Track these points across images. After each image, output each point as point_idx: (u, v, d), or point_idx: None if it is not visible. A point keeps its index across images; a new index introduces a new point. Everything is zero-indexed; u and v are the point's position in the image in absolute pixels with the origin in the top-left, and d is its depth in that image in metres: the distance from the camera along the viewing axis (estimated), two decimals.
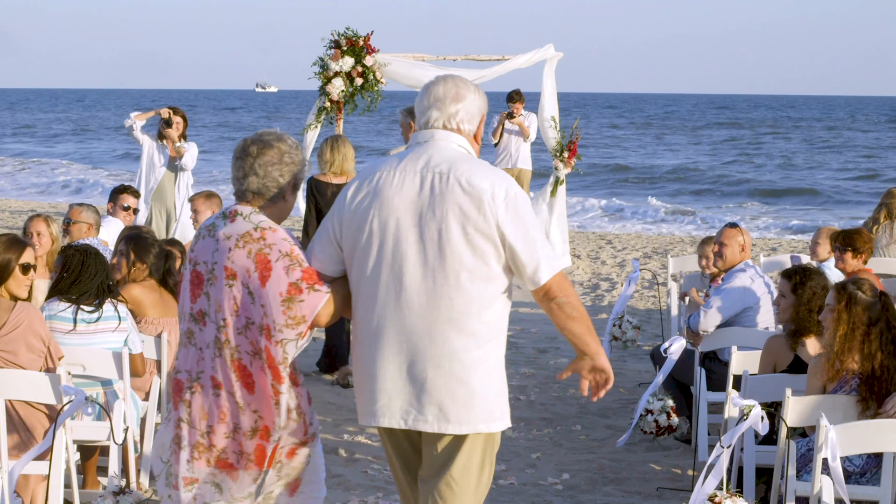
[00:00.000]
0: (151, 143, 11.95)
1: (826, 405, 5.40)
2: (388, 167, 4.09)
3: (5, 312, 5.46)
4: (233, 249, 4.11)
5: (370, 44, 13.17)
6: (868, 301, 5.58)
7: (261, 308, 4.06)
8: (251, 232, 4.12)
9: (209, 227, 4.22)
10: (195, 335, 4.19)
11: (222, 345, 4.11)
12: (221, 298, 4.10)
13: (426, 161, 4.06)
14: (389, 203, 4.03)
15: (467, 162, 4.06)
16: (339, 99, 13.12)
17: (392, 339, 4.05)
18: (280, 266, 4.06)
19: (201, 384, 4.15)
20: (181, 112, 12.10)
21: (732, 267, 7.66)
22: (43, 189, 31.91)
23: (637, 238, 20.43)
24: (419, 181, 4.03)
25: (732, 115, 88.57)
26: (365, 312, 4.11)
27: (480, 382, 4.04)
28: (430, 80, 4.22)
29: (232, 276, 4.09)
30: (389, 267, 4.03)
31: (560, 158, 14.44)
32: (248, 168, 4.20)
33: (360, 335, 4.15)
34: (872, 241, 8.12)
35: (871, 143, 52.40)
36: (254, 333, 4.08)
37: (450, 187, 3.99)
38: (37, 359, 5.50)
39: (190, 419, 4.16)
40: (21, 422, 5.49)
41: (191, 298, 4.19)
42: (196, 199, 9.40)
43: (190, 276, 4.21)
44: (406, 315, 4.02)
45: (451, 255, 3.97)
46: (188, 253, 4.30)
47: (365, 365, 4.12)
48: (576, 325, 4.07)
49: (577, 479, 7.06)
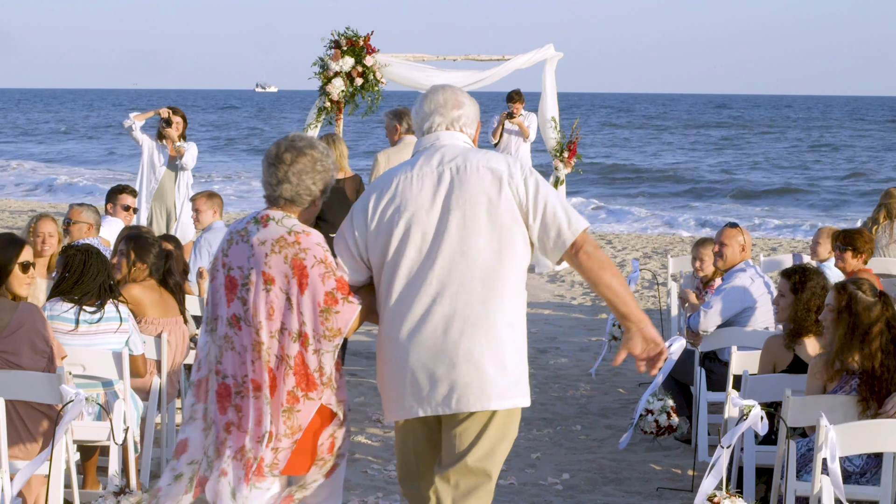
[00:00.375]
0: (151, 143, 11.94)
1: (826, 405, 5.40)
2: (403, 173, 4.26)
3: (8, 312, 5.45)
4: (269, 255, 4.18)
5: (370, 44, 13.17)
6: (868, 301, 5.58)
7: (299, 316, 4.16)
8: (286, 236, 4.20)
9: (241, 231, 4.28)
10: (232, 339, 4.25)
11: (259, 348, 4.19)
12: (258, 302, 4.18)
13: (440, 159, 4.26)
14: (413, 204, 4.20)
15: (478, 152, 4.29)
16: (339, 99, 13.13)
17: (420, 333, 4.18)
18: (316, 273, 4.15)
19: (247, 387, 4.22)
20: (181, 112, 12.09)
21: (732, 267, 7.66)
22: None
23: (637, 238, 20.43)
24: (437, 178, 4.22)
25: (726, 114, 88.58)
26: (394, 309, 4.23)
27: (512, 360, 4.22)
28: (427, 91, 4.45)
29: (270, 282, 4.18)
30: (422, 263, 4.18)
31: (560, 158, 14.44)
32: (281, 175, 4.27)
33: (385, 332, 4.26)
34: (873, 241, 8.12)
35: (855, 143, 52.13)
36: (285, 339, 4.17)
37: (469, 176, 4.18)
38: (40, 359, 5.49)
39: (239, 423, 4.23)
40: (22, 422, 5.49)
41: (227, 303, 4.26)
42: (198, 199, 9.40)
43: (224, 280, 4.28)
44: (443, 306, 4.16)
45: (482, 240, 4.17)
46: (220, 258, 4.35)
47: (399, 360, 4.22)
48: (611, 277, 4.20)
49: (577, 479, 7.06)
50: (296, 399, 4.18)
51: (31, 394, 5.35)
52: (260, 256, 4.20)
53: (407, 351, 4.20)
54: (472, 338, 4.16)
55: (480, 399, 4.18)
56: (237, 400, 4.24)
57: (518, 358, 4.24)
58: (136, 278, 6.86)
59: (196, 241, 9.40)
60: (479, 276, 4.17)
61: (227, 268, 4.27)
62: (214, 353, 4.33)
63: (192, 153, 11.88)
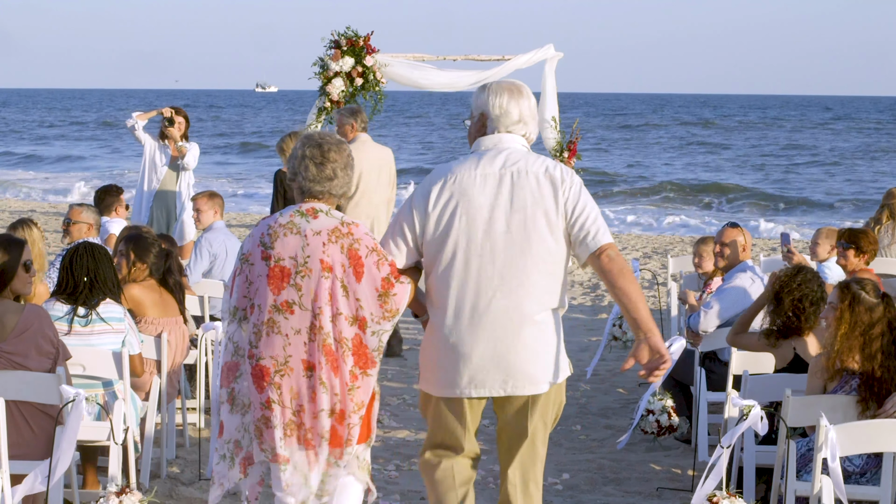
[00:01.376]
0: (153, 142, 11.92)
1: (826, 405, 5.40)
2: (467, 171, 4.61)
3: (15, 314, 5.45)
4: (326, 244, 4.52)
5: (370, 44, 13.17)
6: (871, 302, 5.58)
7: (355, 301, 4.52)
8: (339, 227, 4.56)
9: (286, 224, 4.56)
10: (279, 324, 4.52)
11: (316, 331, 4.49)
12: (317, 289, 4.49)
13: (502, 161, 4.61)
14: (475, 203, 4.56)
15: (537, 158, 4.68)
16: (340, 99, 13.12)
17: (484, 320, 4.55)
18: (370, 262, 4.53)
19: (290, 367, 4.50)
20: (183, 112, 12.07)
21: (733, 267, 7.66)
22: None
23: (637, 238, 20.44)
24: (498, 179, 4.58)
25: (701, 114, 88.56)
26: (454, 298, 4.59)
27: (556, 342, 4.65)
28: (491, 88, 4.75)
29: (328, 269, 4.51)
30: (479, 255, 4.54)
31: (560, 158, 14.44)
32: (329, 172, 4.61)
33: (447, 319, 4.60)
34: (877, 243, 8.12)
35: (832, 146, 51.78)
36: (341, 323, 4.51)
37: (529, 181, 4.58)
38: (46, 360, 5.49)
39: (281, 400, 4.51)
40: (24, 421, 5.49)
41: (273, 291, 4.52)
42: (199, 199, 9.41)
43: (270, 271, 4.53)
44: (497, 296, 4.54)
45: (537, 238, 4.54)
46: (257, 251, 4.58)
47: (451, 346, 4.59)
48: (628, 283, 4.52)
49: (577, 479, 7.06)
50: (355, 377, 4.53)
51: (32, 394, 5.36)
52: (316, 246, 4.52)
53: (467, 339, 4.56)
54: (528, 330, 4.56)
55: (529, 385, 4.60)
56: (276, 378, 4.51)
57: (561, 345, 4.69)
58: (136, 278, 6.87)
59: (196, 241, 9.39)
60: (536, 273, 4.55)
61: (275, 259, 4.53)
62: (246, 338, 4.59)
63: (193, 153, 11.87)
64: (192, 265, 8.94)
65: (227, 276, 8.96)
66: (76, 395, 5.10)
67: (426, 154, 45.95)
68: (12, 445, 5.41)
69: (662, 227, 24.24)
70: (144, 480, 6.44)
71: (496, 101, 4.69)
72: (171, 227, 11.86)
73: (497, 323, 4.55)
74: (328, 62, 13.18)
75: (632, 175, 36.12)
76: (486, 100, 4.71)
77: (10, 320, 5.42)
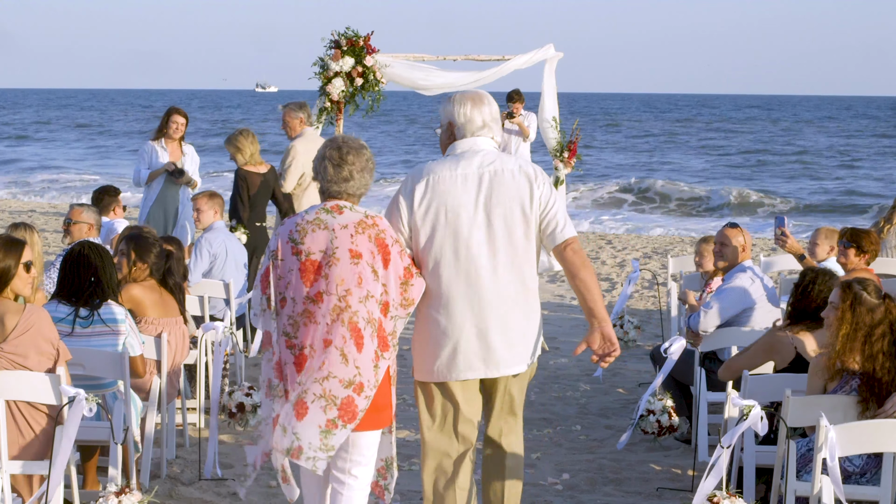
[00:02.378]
0: (153, 147, 11.82)
1: (826, 405, 5.40)
2: (447, 170, 5.04)
3: (15, 315, 5.45)
4: (354, 235, 4.87)
5: (370, 44, 13.17)
6: (872, 303, 5.57)
7: (382, 286, 4.90)
8: (364, 220, 4.92)
9: (315, 220, 4.90)
10: (314, 314, 4.84)
11: (342, 311, 4.81)
12: (345, 274, 4.82)
13: (479, 162, 5.05)
14: (457, 201, 4.98)
15: (509, 157, 5.13)
16: (340, 99, 13.12)
17: (468, 309, 4.99)
18: (395, 251, 4.93)
19: (314, 349, 4.82)
20: (183, 112, 12.00)
21: (733, 267, 7.66)
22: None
23: (637, 238, 20.44)
24: (478, 179, 5.01)
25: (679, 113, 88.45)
26: (445, 289, 5.01)
27: (534, 326, 5.14)
28: (456, 97, 5.16)
29: (357, 257, 4.85)
30: (465, 250, 4.97)
31: (560, 158, 14.44)
32: (346, 174, 4.96)
33: (432, 310, 5.04)
34: (879, 244, 8.11)
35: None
36: (372, 305, 4.86)
37: (505, 179, 5.02)
38: (46, 361, 5.49)
39: (303, 379, 4.81)
40: (25, 421, 5.49)
41: (306, 284, 4.85)
42: (199, 199, 9.41)
43: (301, 265, 4.86)
44: (481, 286, 4.99)
45: (516, 229, 5.01)
46: (287, 247, 4.89)
47: (449, 333, 5.02)
48: (588, 274, 5.03)
49: (577, 479, 7.06)
50: (377, 357, 4.87)
51: (32, 394, 5.36)
52: (345, 237, 4.86)
53: (458, 326, 5.00)
54: (512, 314, 5.04)
55: (520, 363, 5.11)
56: (309, 363, 4.82)
57: (539, 328, 5.17)
58: (136, 278, 6.87)
59: (196, 241, 9.39)
60: (517, 262, 5.02)
61: (306, 254, 4.86)
62: (280, 330, 4.90)
63: (194, 166, 11.68)
64: (191, 265, 8.95)
65: (227, 276, 8.97)
66: (76, 395, 5.10)
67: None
68: (12, 445, 5.42)
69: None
70: (144, 480, 6.44)
71: (461, 110, 5.13)
72: (168, 228, 11.82)
73: (485, 310, 4.99)
74: (328, 62, 13.17)
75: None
76: (451, 109, 5.15)
77: (10, 321, 5.43)
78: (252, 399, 7.15)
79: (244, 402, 7.13)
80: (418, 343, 5.14)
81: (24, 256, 5.52)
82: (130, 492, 4.93)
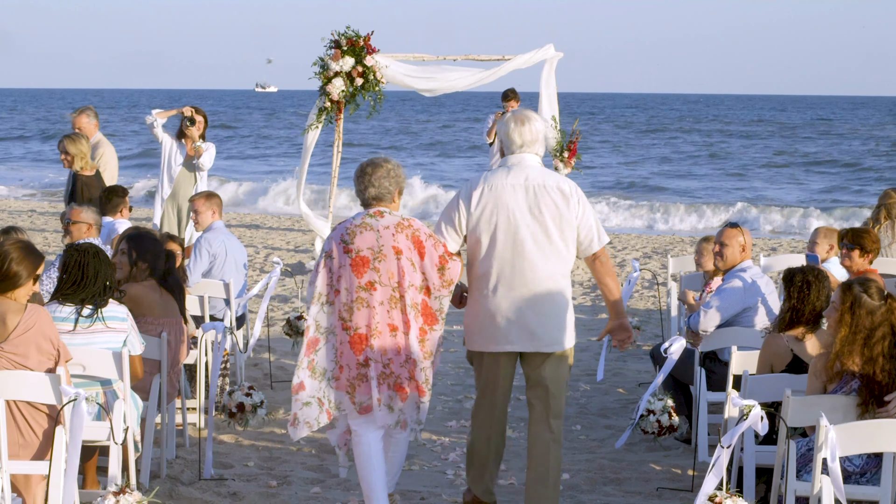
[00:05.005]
0: (172, 142, 11.86)
1: (826, 405, 5.39)
2: (500, 179, 6.03)
3: (16, 314, 5.47)
4: (395, 234, 5.90)
5: (370, 44, 13.16)
6: (873, 305, 5.54)
7: (421, 274, 5.91)
8: (401, 222, 5.95)
9: (360, 224, 5.92)
10: (366, 300, 5.85)
11: (396, 300, 5.86)
12: (392, 269, 5.85)
13: (526, 175, 6.03)
14: (508, 207, 5.98)
15: (552, 174, 6.11)
16: (340, 99, 13.12)
17: (514, 294, 5.97)
18: (429, 244, 5.94)
19: (379, 331, 5.83)
20: (202, 112, 12.01)
21: (733, 267, 7.65)
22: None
23: (637, 238, 20.43)
24: (524, 190, 6.00)
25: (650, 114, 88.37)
26: (495, 275, 5.99)
27: (569, 315, 6.12)
28: (512, 116, 6.14)
29: (399, 253, 5.87)
30: (511, 245, 5.97)
31: (560, 158, 14.45)
32: (367, 180, 5.99)
33: (485, 292, 6.02)
34: (879, 242, 8.10)
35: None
36: (413, 292, 5.89)
37: (548, 192, 6.00)
38: (46, 361, 5.50)
39: (375, 357, 5.84)
40: (25, 421, 5.49)
41: (357, 276, 5.85)
42: (196, 200, 9.40)
43: (352, 261, 5.86)
44: (526, 277, 5.97)
45: (555, 235, 6.00)
46: (339, 247, 5.89)
47: (497, 313, 6.00)
48: (612, 281, 6.19)
49: (577, 479, 7.06)
50: (425, 332, 5.94)
51: (32, 394, 5.36)
52: (388, 237, 5.89)
53: (505, 307, 5.98)
54: (548, 302, 6.00)
55: (553, 344, 6.05)
56: (373, 342, 5.83)
57: (570, 317, 6.12)
58: (136, 278, 6.86)
59: (196, 241, 9.38)
60: (555, 260, 6.00)
61: (356, 251, 5.87)
62: (336, 316, 5.89)
63: (210, 154, 11.78)
64: (191, 265, 8.93)
65: (226, 276, 8.96)
66: (76, 395, 5.10)
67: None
68: (12, 445, 5.42)
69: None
70: (144, 480, 6.44)
71: (506, 130, 6.14)
72: (181, 226, 11.82)
73: (525, 296, 5.96)
74: (328, 62, 13.17)
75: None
76: (503, 128, 6.17)
77: (11, 320, 5.44)
78: (252, 399, 7.14)
79: (244, 402, 7.12)
80: (469, 317, 6.12)
81: (39, 269, 5.58)
82: (130, 492, 4.92)
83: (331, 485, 6.85)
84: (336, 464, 7.20)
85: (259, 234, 19.35)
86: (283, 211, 25.39)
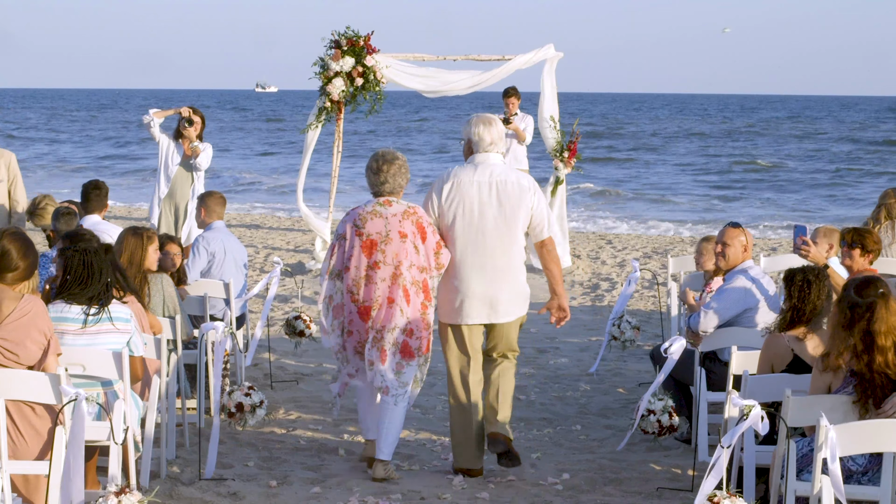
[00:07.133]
0: (169, 142, 11.87)
1: (826, 405, 5.39)
2: (466, 175, 6.94)
3: (12, 301, 5.48)
4: (402, 221, 6.86)
5: (370, 44, 13.16)
6: (853, 300, 5.49)
7: (424, 257, 6.87)
8: (407, 210, 6.90)
9: (372, 211, 6.88)
10: (373, 276, 6.82)
11: (397, 278, 6.81)
12: (397, 250, 6.81)
13: (489, 172, 6.95)
14: (473, 198, 6.90)
15: (512, 171, 7.07)
16: (340, 99, 13.12)
17: (478, 270, 6.90)
18: (430, 231, 6.90)
19: (379, 304, 6.81)
20: (200, 113, 12.02)
21: (734, 267, 7.65)
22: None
23: (637, 238, 20.42)
24: (488, 185, 6.92)
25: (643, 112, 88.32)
26: (465, 260, 6.92)
27: (521, 288, 7.05)
28: (473, 120, 7.04)
29: (404, 237, 6.83)
30: (475, 231, 6.89)
31: (560, 158, 14.45)
32: (382, 178, 6.91)
33: (451, 272, 6.96)
34: (881, 242, 8.09)
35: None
36: (415, 271, 6.86)
37: (508, 187, 6.92)
38: (37, 350, 5.50)
39: (373, 325, 6.82)
40: (24, 421, 5.48)
41: (366, 256, 6.83)
42: (209, 198, 9.39)
43: (362, 243, 6.83)
44: (487, 255, 6.90)
45: (513, 224, 6.90)
46: (352, 231, 6.84)
47: (462, 290, 6.93)
48: (556, 267, 7.13)
49: (577, 479, 7.06)
50: (425, 307, 6.91)
51: (31, 394, 5.35)
52: (395, 223, 6.84)
53: (469, 285, 6.92)
54: (503, 278, 6.93)
55: (508, 314, 7.00)
56: (373, 313, 6.81)
57: (524, 291, 7.06)
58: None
59: (195, 240, 9.37)
60: (511, 245, 6.92)
61: (366, 235, 6.83)
62: (345, 289, 6.87)
63: (207, 154, 11.79)
64: (190, 264, 8.93)
65: (226, 276, 8.95)
66: (76, 395, 5.09)
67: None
68: (12, 445, 5.41)
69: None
70: (144, 480, 6.43)
71: (475, 131, 7.01)
72: (178, 226, 11.81)
73: (488, 275, 6.90)
74: (328, 62, 13.17)
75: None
76: (470, 129, 7.04)
77: (6, 306, 5.44)
78: (251, 399, 7.14)
79: (243, 401, 7.11)
80: (442, 295, 7.03)
81: (37, 266, 5.63)
82: (130, 492, 4.91)
83: (331, 485, 6.85)
84: (336, 463, 7.21)
85: (259, 234, 19.34)
86: (282, 211, 25.39)
